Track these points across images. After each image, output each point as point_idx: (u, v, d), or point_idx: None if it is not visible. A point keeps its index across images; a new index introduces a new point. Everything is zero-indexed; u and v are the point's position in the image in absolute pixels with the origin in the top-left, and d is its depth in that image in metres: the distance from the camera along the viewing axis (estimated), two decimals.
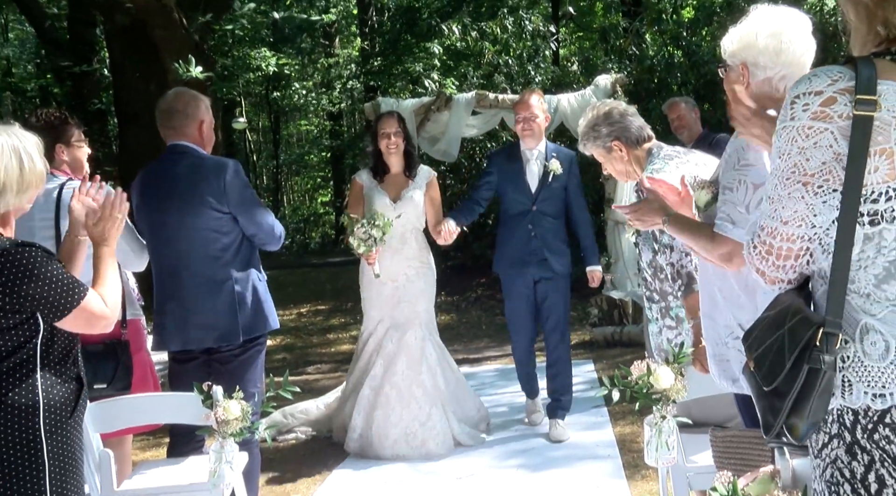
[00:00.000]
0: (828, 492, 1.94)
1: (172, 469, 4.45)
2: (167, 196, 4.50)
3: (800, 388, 1.88)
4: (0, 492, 3.12)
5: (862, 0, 1.96)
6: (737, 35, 3.04)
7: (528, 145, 6.20)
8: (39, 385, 3.18)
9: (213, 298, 4.49)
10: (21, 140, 3.23)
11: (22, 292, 3.11)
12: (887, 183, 1.88)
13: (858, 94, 1.87)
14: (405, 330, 6.18)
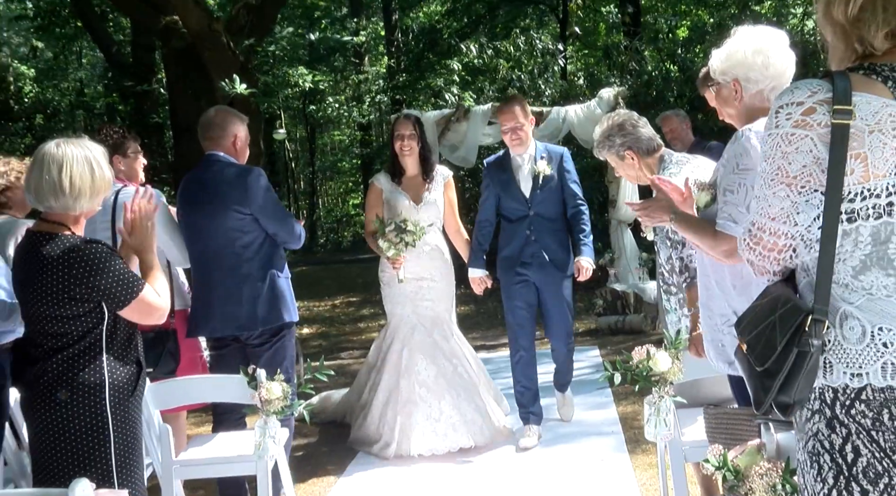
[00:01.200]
0: (810, 461, 1.93)
1: (222, 442, 4.47)
2: (198, 199, 4.56)
3: (789, 369, 1.87)
4: (73, 459, 3.17)
5: (839, 21, 1.94)
6: (725, 54, 3.03)
7: (518, 152, 5.64)
8: (105, 366, 3.23)
9: (235, 291, 4.52)
10: (91, 151, 3.28)
11: (90, 283, 3.16)
12: (862, 184, 1.87)
13: (836, 105, 1.85)
14: (431, 328, 5.73)
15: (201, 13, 11.20)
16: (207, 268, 4.58)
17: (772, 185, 1.94)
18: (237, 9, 12.17)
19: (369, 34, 22.05)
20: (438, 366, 5.64)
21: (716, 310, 3.23)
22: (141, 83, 16.16)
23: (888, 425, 1.84)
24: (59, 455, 3.22)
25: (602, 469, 5.08)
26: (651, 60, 13.13)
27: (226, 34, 11.35)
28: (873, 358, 1.85)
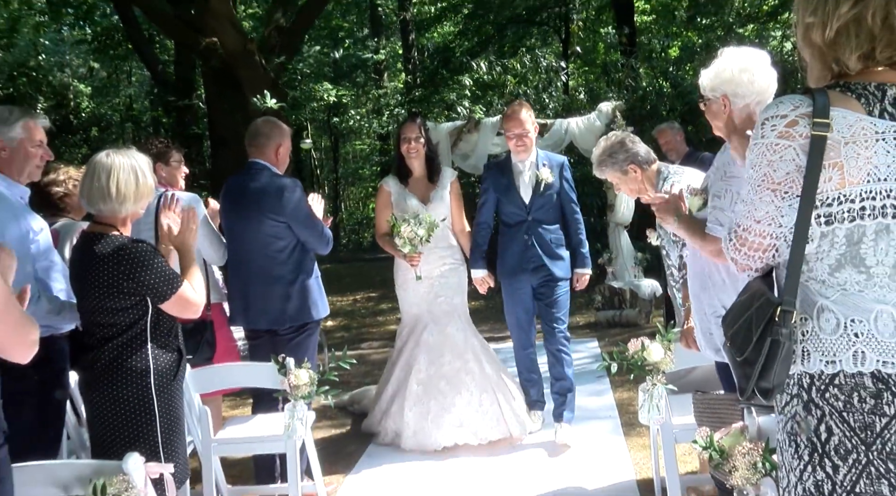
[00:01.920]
0: (788, 440, 1.94)
1: (255, 423, 4.50)
2: (239, 204, 4.59)
3: (765, 357, 1.89)
4: (124, 436, 3.21)
5: (817, 44, 1.94)
6: (713, 73, 3.04)
7: (521, 158, 5.27)
8: (150, 354, 3.26)
9: (268, 289, 4.55)
10: (137, 160, 3.32)
11: (136, 278, 3.20)
12: (838, 190, 1.87)
13: (815, 118, 1.85)
14: (446, 323, 5.40)
15: (237, 35, 11.28)
16: (245, 267, 4.61)
17: (758, 191, 1.94)
18: (269, 30, 12.25)
19: (388, 52, 22.05)
20: (450, 361, 5.34)
21: (705, 301, 3.25)
22: (182, 98, 16.29)
23: (857, 407, 1.85)
24: (112, 432, 3.25)
25: (600, 450, 5.08)
26: (645, 77, 13.08)
27: (259, 53, 11.43)
28: (846, 346, 1.86)
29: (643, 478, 4.52)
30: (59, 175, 4.55)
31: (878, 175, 1.86)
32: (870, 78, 1.91)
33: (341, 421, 6.12)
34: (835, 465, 1.86)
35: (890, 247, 1.88)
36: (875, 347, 1.85)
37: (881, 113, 1.88)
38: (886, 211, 1.87)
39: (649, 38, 16.01)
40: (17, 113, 3.59)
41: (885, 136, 1.86)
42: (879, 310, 1.86)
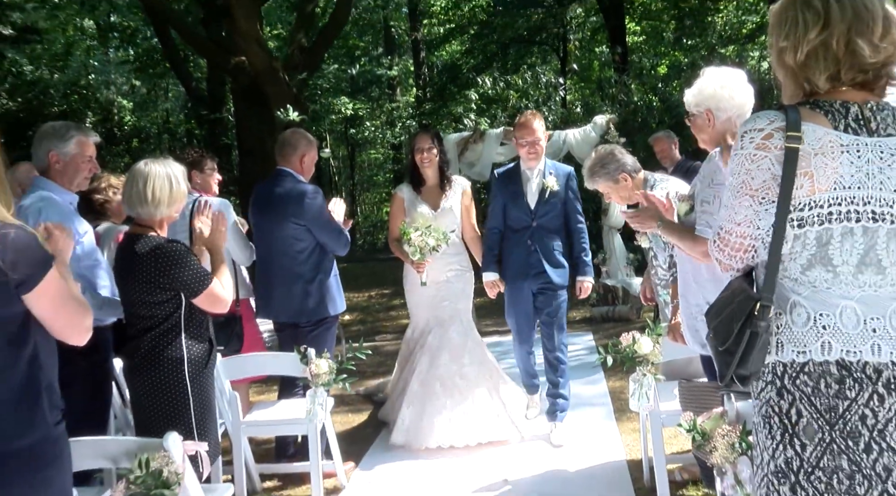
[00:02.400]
0: (763, 422, 1.97)
1: (279, 408, 4.53)
2: (265, 208, 4.64)
3: (744, 347, 1.91)
4: (162, 417, 3.26)
5: (790, 66, 1.96)
6: (697, 90, 3.07)
7: (530, 166, 5.00)
8: (184, 344, 3.30)
9: (289, 286, 4.59)
10: (171, 168, 3.36)
11: (170, 275, 3.24)
12: (809, 196, 1.89)
13: (788, 132, 1.88)
14: (448, 326, 5.15)
15: (263, 54, 11.31)
16: (270, 265, 4.65)
17: (738, 197, 1.96)
18: (292, 50, 12.29)
19: (401, 69, 22.07)
20: (446, 364, 5.05)
21: (692, 300, 3.26)
22: (214, 112, 16.39)
23: (823, 391, 1.88)
24: (152, 413, 3.30)
25: (594, 434, 5.09)
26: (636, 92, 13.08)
27: (283, 71, 11.46)
28: (815, 338, 1.89)
29: (633, 459, 4.53)
30: (100, 183, 4.62)
31: (844, 183, 1.89)
32: (835, 96, 1.94)
33: (359, 406, 6.15)
34: (802, 444, 1.89)
35: (854, 248, 1.90)
36: (840, 338, 1.88)
37: (845, 128, 1.91)
38: (850, 216, 1.90)
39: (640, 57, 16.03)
40: (72, 130, 3.67)
41: (848, 149, 1.89)
42: (844, 306, 1.89)
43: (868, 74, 1.92)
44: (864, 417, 1.87)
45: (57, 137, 3.62)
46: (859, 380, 1.88)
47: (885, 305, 1.90)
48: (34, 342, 2.18)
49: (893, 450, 1.86)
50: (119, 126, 16.96)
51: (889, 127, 1.93)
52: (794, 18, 1.93)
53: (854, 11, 1.88)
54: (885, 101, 1.97)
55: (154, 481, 2.72)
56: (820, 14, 1.89)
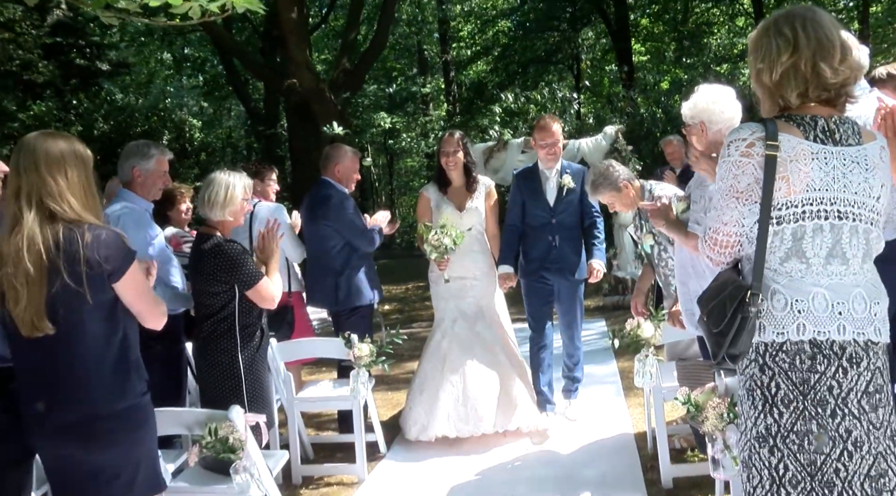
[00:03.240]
0: (747, 395, 2.00)
1: (327, 386, 4.61)
2: (308, 212, 4.76)
3: (735, 330, 1.95)
4: (221, 393, 3.38)
5: (766, 84, 2.00)
6: (692, 103, 3.10)
7: (549, 166, 4.74)
8: (237, 330, 3.38)
9: (324, 279, 4.68)
10: (233, 178, 3.46)
11: (227, 270, 3.33)
12: (786, 198, 1.92)
13: (768, 141, 1.92)
14: (474, 321, 4.74)
15: (312, 77, 11.45)
16: (312, 262, 4.77)
17: (725, 199, 1.99)
18: (337, 73, 12.40)
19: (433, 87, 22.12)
20: (475, 355, 4.63)
21: (690, 287, 3.26)
22: (269, 128, 16.61)
23: (798, 367, 1.91)
24: (212, 388, 3.42)
25: (604, 409, 5.10)
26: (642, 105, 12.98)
27: (329, 91, 11.58)
28: (791, 320, 1.92)
29: (639, 431, 4.55)
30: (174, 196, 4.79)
31: (814, 186, 1.92)
32: (805, 111, 1.98)
33: (397, 386, 6.22)
34: (780, 412, 1.93)
35: (823, 242, 1.93)
36: (812, 321, 1.91)
37: (814, 138, 1.94)
38: (820, 214, 1.93)
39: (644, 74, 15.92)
40: (153, 149, 3.79)
41: (817, 156, 1.93)
42: (816, 292, 1.92)
43: (831, 92, 1.96)
44: (831, 388, 1.91)
45: (140, 155, 3.74)
46: (828, 356, 1.91)
47: (848, 291, 1.93)
48: (123, 323, 2.31)
49: (853, 414, 1.91)
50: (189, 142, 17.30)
51: (850, 137, 1.97)
52: (768, 44, 1.97)
53: (817, 40, 1.93)
54: (847, 115, 2.01)
55: (222, 446, 2.82)
56: (790, 41, 1.93)
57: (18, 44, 11.62)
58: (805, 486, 1.92)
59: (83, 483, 2.31)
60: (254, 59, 14.38)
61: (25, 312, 2.20)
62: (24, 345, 2.27)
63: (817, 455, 1.91)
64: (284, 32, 11.10)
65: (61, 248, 2.18)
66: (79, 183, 2.26)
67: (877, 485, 1.92)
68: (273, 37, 14.21)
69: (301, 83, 11.43)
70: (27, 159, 2.24)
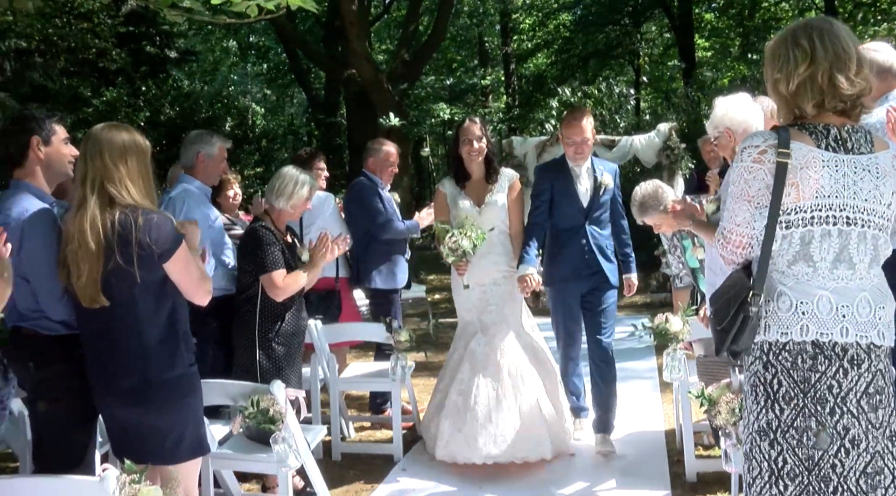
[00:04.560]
0: (751, 390, 2.09)
1: (369, 366, 4.80)
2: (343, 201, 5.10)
3: (737, 327, 2.03)
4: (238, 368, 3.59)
5: (782, 94, 2.06)
6: (713, 117, 3.19)
7: (578, 164, 4.23)
8: (257, 310, 3.60)
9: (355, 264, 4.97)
10: (303, 177, 3.71)
11: (250, 252, 3.57)
12: (795, 203, 2.00)
13: (779, 148, 1.99)
14: (494, 333, 4.20)
15: (370, 68, 11.67)
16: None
17: (738, 202, 2.07)
18: (396, 64, 12.60)
19: (492, 79, 22.18)
20: (493, 375, 4.10)
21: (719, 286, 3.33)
22: (329, 116, 16.95)
23: (800, 365, 1.99)
24: (236, 364, 3.65)
25: (640, 404, 5.15)
26: (700, 102, 12.85)
27: (387, 82, 11.78)
28: (795, 321, 1.99)
29: (671, 427, 4.60)
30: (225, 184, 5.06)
31: (824, 192, 1.99)
32: (820, 120, 2.04)
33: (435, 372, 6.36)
34: (781, 408, 2.02)
35: (831, 247, 2.00)
36: (815, 322, 1.98)
37: (826, 146, 2.01)
38: (829, 220, 2.00)
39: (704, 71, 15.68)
40: (215, 137, 4.07)
41: (828, 164, 1.99)
42: (821, 295, 1.99)
43: (846, 103, 2.01)
44: (831, 387, 1.99)
45: (204, 142, 4.01)
46: (829, 356, 1.99)
47: (853, 295, 2.00)
48: (172, 299, 2.54)
49: (852, 413, 1.98)
50: (252, 129, 17.81)
51: (862, 146, 2.03)
52: (785, 55, 2.03)
53: (834, 52, 1.98)
54: (860, 124, 2.07)
55: (263, 417, 3.04)
56: (807, 52, 1.99)
57: (95, 33, 12.18)
58: (802, 480, 2.01)
59: (136, 442, 2.55)
60: (315, 49, 14.72)
61: (85, 286, 2.45)
62: (86, 315, 2.53)
63: (815, 450, 1.99)
64: (345, 23, 11.35)
65: (116, 231, 2.42)
66: (137, 171, 2.50)
67: (872, 482, 1.99)
68: (335, 27, 14.52)
69: (360, 74, 11.67)
70: (93, 148, 2.49)
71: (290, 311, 3.66)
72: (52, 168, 2.75)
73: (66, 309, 2.62)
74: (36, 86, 11.66)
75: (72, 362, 2.65)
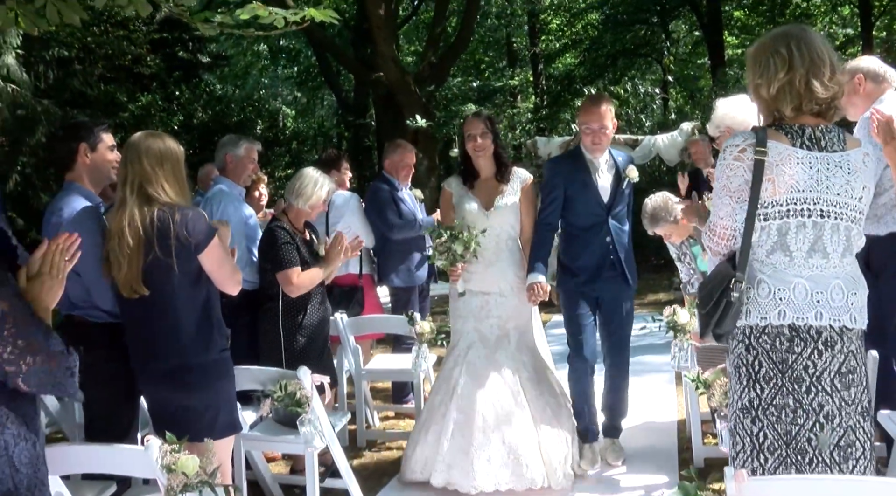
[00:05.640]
0: (734, 372, 2.27)
1: (392, 359, 4.99)
2: None
3: (720, 312, 2.21)
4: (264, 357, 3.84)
5: (763, 97, 2.24)
6: (714, 118, 3.39)
7: (596, 155, 3.86)
8: (280, 305, 3.84)
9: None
10: (323, 179, 3.96)
11: (266, 249, 3.83)
12: (772, 197, 2.17)
13: (757, 147, 2.17)
14: (494, 348, 3.85)
15: (397, 70, 11.92)
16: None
17: (721, 196, 2.26)
18: (423, 66, 12.85)
19: (521, 80, 22.32)
20: (489, 392, 3.76)
21: None
22: (359, 118, 17.26)
23: (778, 347, 2.17)
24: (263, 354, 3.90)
25: (654, 396, 5.29)
26: None
27: (414, 84, 12.04)
28: (773, 307, 2.17)
29: (682, 418, 4.71)
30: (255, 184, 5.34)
31: (798, 187, 2.17)
32: (796, 121, 2.21)
33: None
34: (761, 388, 2.20)
35: (806, 238, 2.17)
36: (792, 308, 2.16)
37: (801, 145, 2.19)
38: (803, 213, 2.17)
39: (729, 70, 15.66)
40: (243, 141, 4.38)
41: (802, 161, 2.17)
42: (797, 282, 2.17)
43: (822, 106, 2.19)
44: (807, 367, 2.16)
45: (232, 145, 4.32)
46: (805, 339, 2.16)
47: (827, 282, 2.17)
48: (206, 289, 2.80)
49: (826, 391, 2.15)
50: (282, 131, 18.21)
51: (835, 144, 2.21)
52: (766, 61, 2.20)
53: (810, 59, 2.16)
54: (833, 124, 2.24)
55: (290, 401, 3.28)
56: (786, 59, 2.17)
57: (131, 40, 12.66)
58: (781, 453, 2.19)
59: (175, 421, 2.80)
60: (344, 52, 15.04)
61: (126, 278, 2.72)
62: (128, 305, 2.80)
63: (792, 426, 2.18)
64: (372, 27, 11.63)
65: (155, 226, 2.68)
66: (172, 173, 2.77)
67: (844, 454, 2.17)
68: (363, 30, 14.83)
69: (387, 76, 11.93)
70: (133, 154, 2.76)
71: (312, 304, 3.91)
72: (97, 172, 3.06)
73: (113, 299, 2.90)
74: (75, 92, 12.16)
75: (116, 348, 2.92)
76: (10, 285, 1.79)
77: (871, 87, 3.30)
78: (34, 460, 1.83)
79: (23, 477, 1.77)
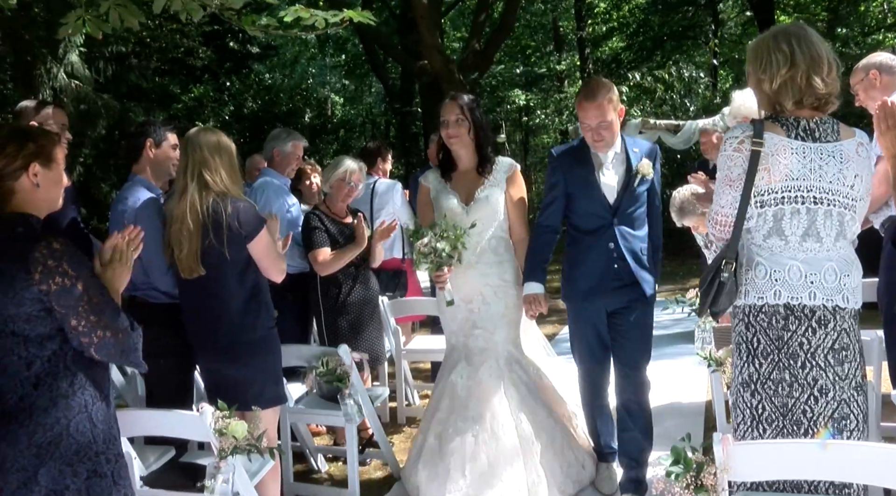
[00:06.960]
0: (735, 348, 2.44)
1: (431, 340, 5.21)
2: None
3: (714, 292, 2.39)
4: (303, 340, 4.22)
5: (766, 92, 2.38)
6: (735, 106, 3.51)
7: (601, 151, 3.34)
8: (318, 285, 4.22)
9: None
10: (350, 165, 4.23)
11: (303, 235, 4.17)
12: (767, 185, 2.32)
13: (754, 138, 2.32)
14: (479, 364, 3.48)
15: (442, 58, 12.09)
16: None
17: (722, 186, 2.42)
18: (467, 54, 13.00)
19: (568, 64, 22.28)
20: (473, 417, 3.40)
21: None
22: (405, 106, 17.55)
23: (774, 325, 2.33)
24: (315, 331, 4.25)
25: (683, 378, 5.39)
26: None
27: (458, 71, 12.19)
28: (769, 287, 2.34)
29: (710, 399, 4.87)
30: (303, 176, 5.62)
31: (793, 175, 2.32)
32: (794, 114, 2.37)
33: None
34: (760, 363, 2.37)
35: (800, 223, 2.33)
36: (787, 288, 2.32)
37: (795, 136, 2.34)
38: (797, 199, 2.33)
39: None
40: (290, 136, 4.65)
41: (797, 151, 2.33)
42: (791, 265, 2.33)
43: (821, 101, 2.34)
44: (802, 344, 2.33)
45: (279, 139, 4.63)
46: (799, 317, 2.32)
47: (821, 265, 2.33)
48: (255, 273, 3.09)
49: (820, 366, 2.32)
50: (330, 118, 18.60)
51: (828, 135, 2.36)
52: (768, 57, 2.35)
53: (811, 56, 2.31)
54: (827, 116, 2.39)
55: (331, 376, 3.57)
56: (787, 56, 2.32)
57: (183, 33, 13.15)
58: (778, 424, 2.37)
59: (227, 391, 3.10)
60: (389, 41, 15.29)
61: (186, 258, 3.02)
62: (185, 285, 3.11)
63: (789, 399, 2.36)
64: (416, 16, 11.83)
65: (210, 216, 2.97)
66: (226, 163, 3.05)
67: (839, 426, 2.33)
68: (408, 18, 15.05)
69: (431, 65, 12.11)
70: (192, 145, 3.06)
71: (348, 284, 4.21)
72: (160, 166, 3.40)
73: (170, 282, 3.22)
74: (132, 85, 12.71)
75: (173, 326, 3.23)
76: (87, 268, 2.09)
77: (887, 80, 3.39)
78: (108, 418, 2.13)
79: (99, 431, 2.08)
